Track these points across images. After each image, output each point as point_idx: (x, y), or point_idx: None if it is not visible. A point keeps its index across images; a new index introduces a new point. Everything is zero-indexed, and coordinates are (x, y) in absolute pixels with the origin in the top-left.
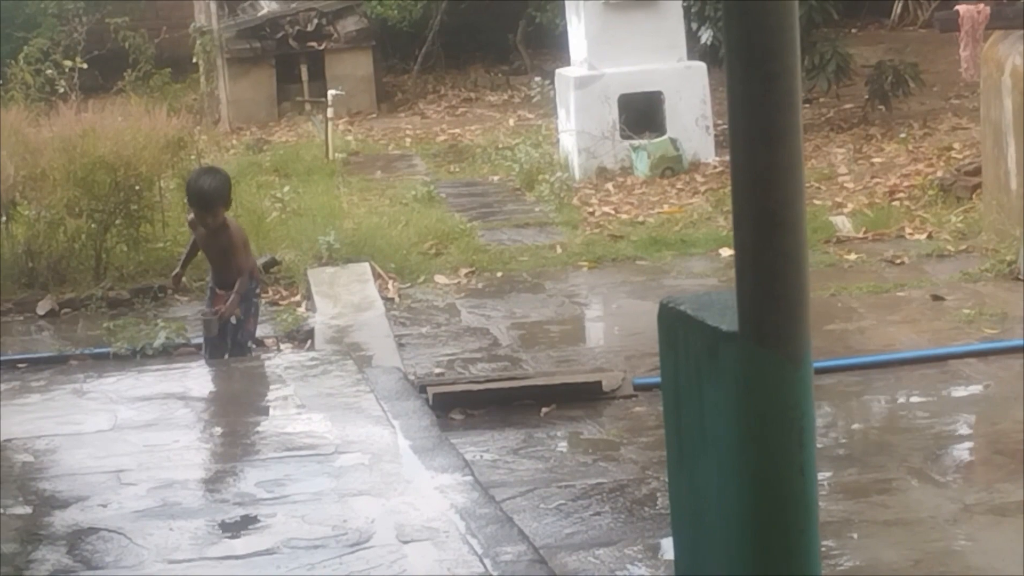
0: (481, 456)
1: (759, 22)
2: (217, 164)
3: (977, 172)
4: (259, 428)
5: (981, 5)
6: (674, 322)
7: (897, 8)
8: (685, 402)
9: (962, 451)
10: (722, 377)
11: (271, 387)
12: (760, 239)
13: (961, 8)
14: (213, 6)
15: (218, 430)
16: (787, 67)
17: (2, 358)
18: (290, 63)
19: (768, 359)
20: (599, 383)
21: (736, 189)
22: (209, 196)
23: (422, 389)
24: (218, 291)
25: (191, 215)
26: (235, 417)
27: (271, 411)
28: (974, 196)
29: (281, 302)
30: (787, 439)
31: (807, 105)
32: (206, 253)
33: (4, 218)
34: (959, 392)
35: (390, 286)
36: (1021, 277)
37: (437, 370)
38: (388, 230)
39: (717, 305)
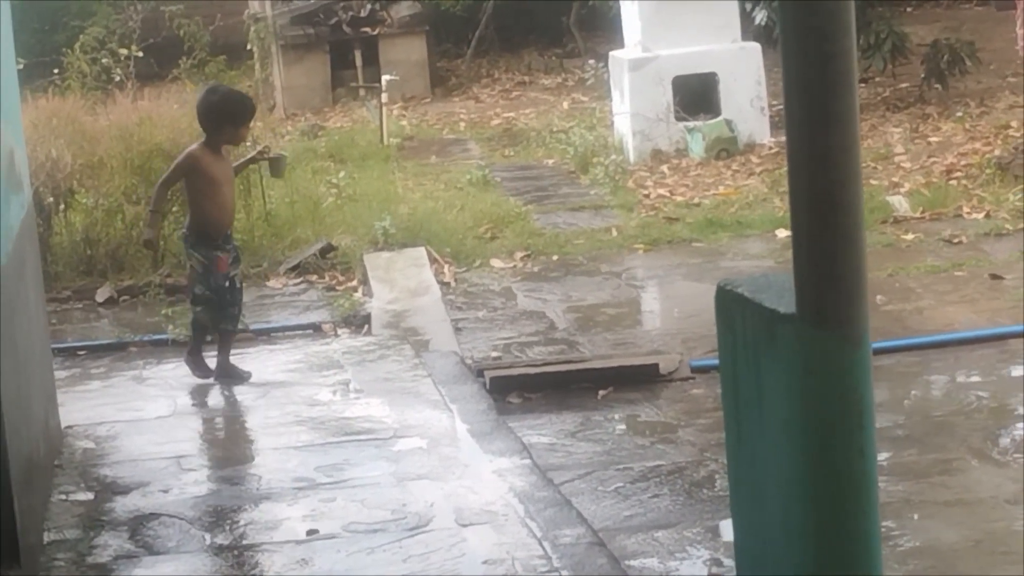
0: (539, 439)
1: (814, 4)
2: (273, 151)
3: None
4: (318, 413)
5: None
6: (731, 304)
7: None
8: (743, 384)
9: (1022, 431)
10: (780, 359)
11: (329, 372)
12: (817, 221)
13: None
14: None
15: (276, 415)
16: (843, 48)
17: (62, 345)
18: (344, 49)
19: (826, 341)
20: (656, 366)
21: (792, 171)
22: (249, 102)
23: (479, 373)
24: (219, 255)
25: (197, 148)
26: (293, 402)
27: (329, 396)
28: None
29: (338, 287)
30: (847, 421)
31: (863, 85)
32: (213, 194)
33: (62, 206)
34: (1019, 372)
35: (446, 270)
36: None
37: (494, 354)
38: (443, 215)
39: (774, 287)
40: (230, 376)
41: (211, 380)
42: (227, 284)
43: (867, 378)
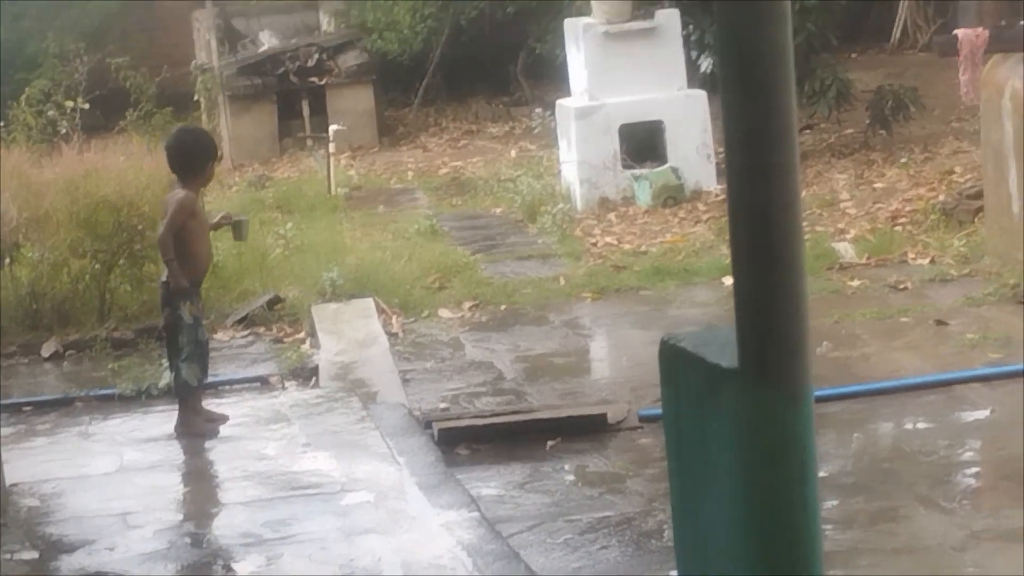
0: (487, 491)
1: (754, 57)
2: (219, 202)
3: (979, 195)
4: (264, 467)
5: (980, 29)
6: (674, 358)
7: (896, 32)
8: (687, 439)
9: (968, 477)
10: (723, 414)
11: (276, 426)
12: (759, 275)
13: (960, 32)
14: (214, 43)
15: (223, 470)
16: (783, 103)
17: (7, 402)
18: (291, 99)
19: (768, 396)
20: (604, 415)
21: (734, 225)
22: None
23: (427, 425)
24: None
25: (187, 192)
26: (240, 457)
27: (276, 450)
28: (976, 220)
29: (285, 339)
30: (789, 475)
31: (808, 131)
32: (202, 238)
33: (8, 260)
34: (965, 418)
35: (394, 321)
36: None
37: (442, 405)
38: (391, 265)
39: (717, 341)
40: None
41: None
42: (206, 337)
43: (810, 432)
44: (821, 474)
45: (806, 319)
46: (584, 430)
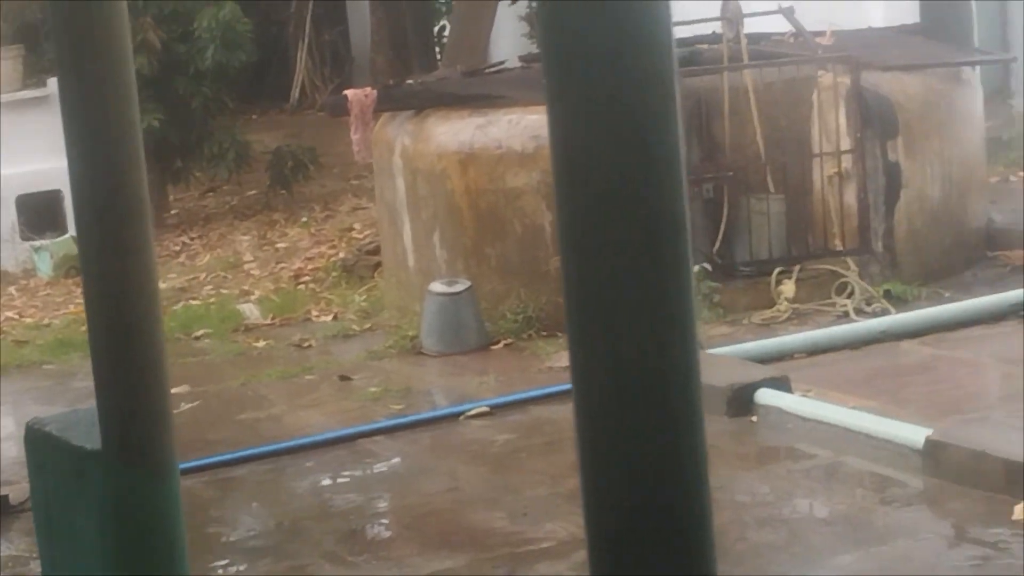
0: None
1: (102, 136)
2: None
3: (377, 251)
4: None
5: (368, 89)
6: (40, 444)
7: (295, 93)
8: (57, 523)
9: (374, 529)
10: (91, 499)
11: None
12: (117, 353)
13: (349, 92)
14: None
15: None
16: (132, 179)
17: None
18: None
19: (133, 476)
20: (6, 497)
21: (90, 303)
22: None
23: None
24: None
25: None
26: None
27: None
28: (376, 275)
29: None
30: (158, 554)
31: (211, 194)
32: None
33: None
34: (369, 470)
35: None
36: (423, 351)
37: None
38: None
39: (85, 423)
40: None
41: None
42: None
43: (177, 508)
44: (230, 539)
45: (167, 394)
46: None
